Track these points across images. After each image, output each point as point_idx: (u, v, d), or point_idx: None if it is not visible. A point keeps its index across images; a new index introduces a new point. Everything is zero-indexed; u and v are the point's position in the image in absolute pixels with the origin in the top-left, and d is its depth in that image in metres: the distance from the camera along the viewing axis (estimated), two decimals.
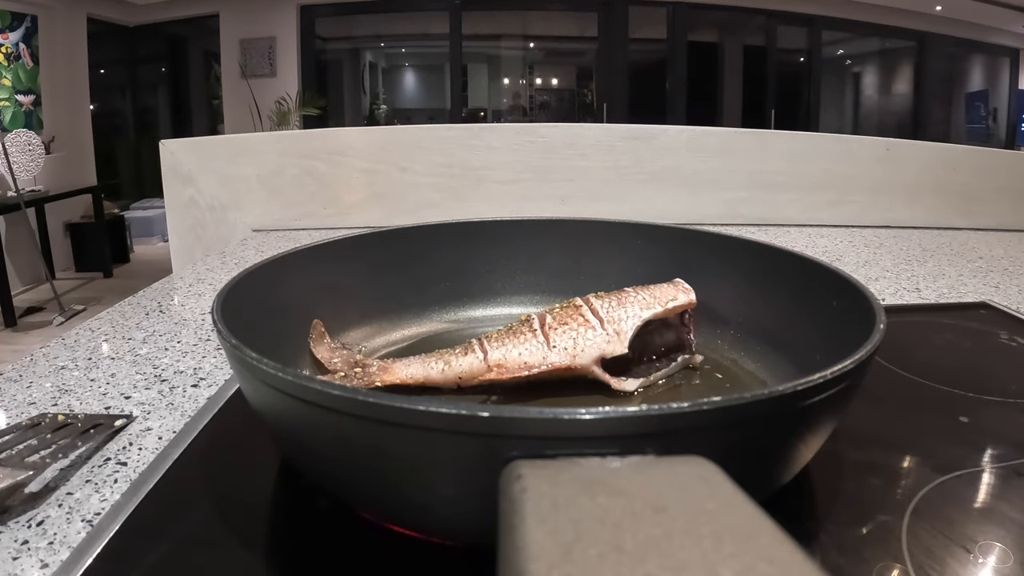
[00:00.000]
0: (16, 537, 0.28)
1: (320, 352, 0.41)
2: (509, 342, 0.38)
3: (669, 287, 0.42)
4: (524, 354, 0.37)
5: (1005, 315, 0.58)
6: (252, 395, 0.30)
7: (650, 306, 0.40)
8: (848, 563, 0.26)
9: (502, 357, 0.37)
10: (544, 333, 0.38)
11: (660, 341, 0.42)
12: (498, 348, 0.38)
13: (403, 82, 6.56)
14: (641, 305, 0.40)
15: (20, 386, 0.45)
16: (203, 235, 1.03)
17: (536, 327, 0.39)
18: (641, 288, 0.42)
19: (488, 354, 0.38)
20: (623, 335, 0.38)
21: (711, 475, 0.18)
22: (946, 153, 1.05)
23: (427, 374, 0.38)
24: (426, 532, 0.27)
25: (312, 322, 0.43)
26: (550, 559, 0.14)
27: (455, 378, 0.38)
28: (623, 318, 0.39)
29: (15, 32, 3.76)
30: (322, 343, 0.42)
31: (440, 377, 0.38)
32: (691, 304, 0.41)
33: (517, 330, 0.39)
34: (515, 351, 0.37)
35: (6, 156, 3.11)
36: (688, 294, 0.41)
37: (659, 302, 0.40)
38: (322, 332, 0.43)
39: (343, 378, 0.38)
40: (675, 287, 0.42)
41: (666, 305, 0.40)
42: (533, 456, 0.20)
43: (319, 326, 0.43)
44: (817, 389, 0.24)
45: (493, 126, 1.06)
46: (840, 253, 0.85)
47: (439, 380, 0.38)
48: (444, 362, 0.38)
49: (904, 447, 0.35)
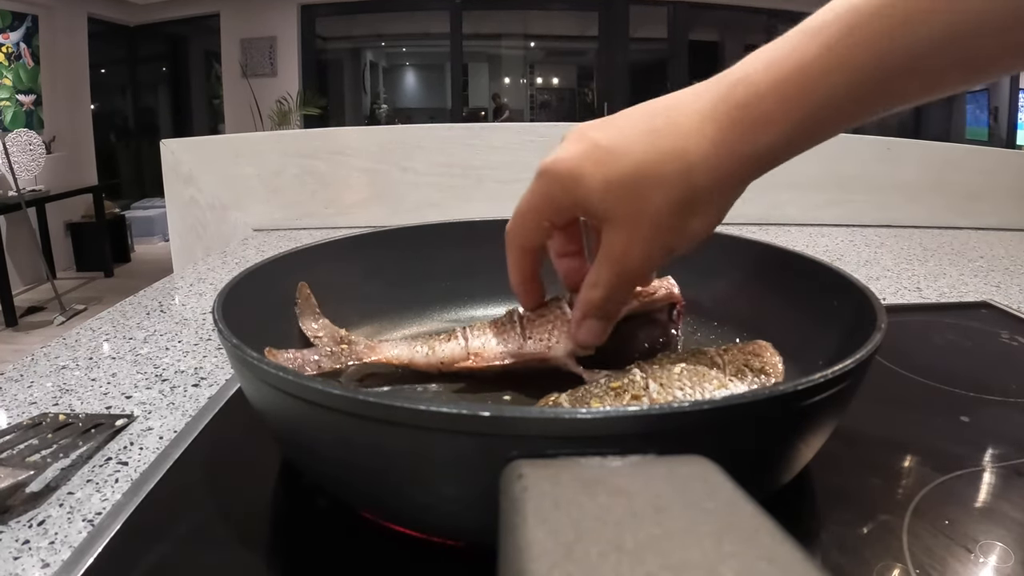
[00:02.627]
0: (17, 537, 0.29)
1: (305, 324, 0.41)
2: (490, 332, 0.40)
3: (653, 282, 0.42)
4: (502, 344, 0.39)
5: (1006, 314, 0.58)
6: (253, 395, 0.30)
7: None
8: (848, 563, 0.26)
9: (481, 346, 0.39)
10: (522, 325, 0.39)
11: (645, 337, 0.42)
12: (479, 337, 0.40)
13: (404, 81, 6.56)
14: None
15: (21, 386, 0.45)
16: (204, 235, 1.03)
17: (516, 319, 0.40)
18: None
19: (469, 342, 0.39)
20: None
21: (711, 475, 0.18)
22: (947, 152, 1.05)
23: (412, 356, 0.39)
24: (426, 532, 0.27)
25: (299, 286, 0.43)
26: (551, 558, 0.14)
27: (437, 363, 0.39)
28: None
29: (16, 32, 3.76)
30: (307, 313, 0.42)
31: (423, 361, 0.39)
32: (672, 298, 0.41)
33: (499, 321, 0.40)
34: (493, 340, 0.39)
35: (7, 156, 3.11)
36: (670, 288, 0.41)
37: (637, 296, 0.41)
38: (308, 295, 0.43)
39: (329, 354, 0.39)
40: (658, 281, 0.42)
41: (644, 299, 0.41)
42: (534, 456, 0.20)
43: (304, 288, 0.43)
44: (817, 389, 0.24)
45: (494, 126, 1.06)
46: (841, 252, 0.85)
47: (422, 363, 0.39)
48: (428, 347, 0.40)
49: (905, 446, 0.35)
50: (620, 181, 0.28)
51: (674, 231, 0.29)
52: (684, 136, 0.28)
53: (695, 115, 0.28)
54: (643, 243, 0.29)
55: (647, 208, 0.28)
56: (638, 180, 0.28)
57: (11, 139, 3.21)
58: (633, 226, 0.29)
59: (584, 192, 0.29)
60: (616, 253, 0.30)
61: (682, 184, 0.28)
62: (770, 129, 0.27)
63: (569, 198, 0.30)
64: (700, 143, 0.27)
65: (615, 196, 0.28)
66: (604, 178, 0.28)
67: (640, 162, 0.28)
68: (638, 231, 0.29)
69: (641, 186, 0.28)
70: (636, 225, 0.29)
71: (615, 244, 0.30)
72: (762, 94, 0.27)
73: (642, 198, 0.28)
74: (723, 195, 0.29)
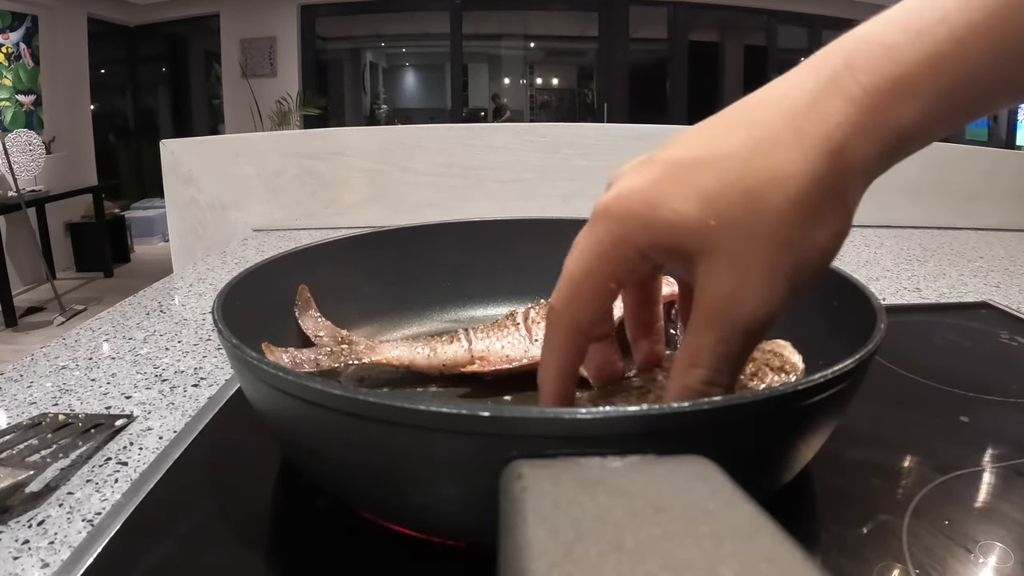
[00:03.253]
0: (17, 537, 0.28)
1: (306, 324, 0.41)
2: (493, 335, 0.39)
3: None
4: (507, 347, 0.38)
5: (1006, 315, 0.58)
6: (253, 395, 0.30)
7: None
8: (848, 563, 0.26)
9: (485, 349, 0.38)
10: (527, 327, 0.39)
11: None
12: (483, 340, 0.39)
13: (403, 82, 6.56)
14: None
15: (21, 386, 0.45)
16: (203, 235, 1.03)
17: (519, 321, 0.39)
18: None
19: (472, 344, 0.38)
20: None
21: (711, 475, 0.18)
22: (946, 153, 1.05)
23: (413, 358, 0.38)
24: (426, 532, 0.27)
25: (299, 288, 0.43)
26: (551, 558, 0.14)
27: (439, 365, 0.38)
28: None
29: (16, 32, 3.76)
30: (307, 313, 0.42)
31: (425, 363, 0.38)
32: (672, 297, 0.41)
33: (502, 323, 0.40)
34: (498, 344, 0.38)
35: (7, 156, 3.11)
36: (671, 286, 0.41)
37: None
38: (308, 298, 0.42)
39: (330, 354, 0.38)
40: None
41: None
42: (534, 455, 0.20)
43: (305, 291, 0.43)
44: (817, 389, 0.24)
45: (493, 126, 1.06)
46: (840, 252, 0.85)
47: (423, 365, 0.38)
48: (430, 348, 0.39)
49: (905, 447, 0.35)
50: (721, 195, 0.21)
51: (799, 250, 0.22)
52: (797, 120, 0.22)
53: (805, 95, 0.22)
54: (758, 273, 0.21)
55: (759, 220, 0.21)
56: (745, 185, 0.21)
57: (11, 139, 3.21)
58: (743, 249, 0.21)
59: (670, 219, 0.22)
60: (721, 300, 0.22)
61: (801, 177, 0.21)
62: (917, 96, 0.21)
63: (647, 236, 0.22)
64: (821, 123, 0.21)
65: (715, 215, 0.21)
66: (698, 193, 0.21)
67: (738, 161, 0.21)
68: (751, 256, 0.21)
69: (751, 192, 0.21)
70: (747, 246, 0.21)
71: (718, 287, 0.22)
72: (899, 51, 0.21)
73: (753, 207, 0.21)
74: (857, 191, 0.23)
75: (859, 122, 0.21)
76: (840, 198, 0.22)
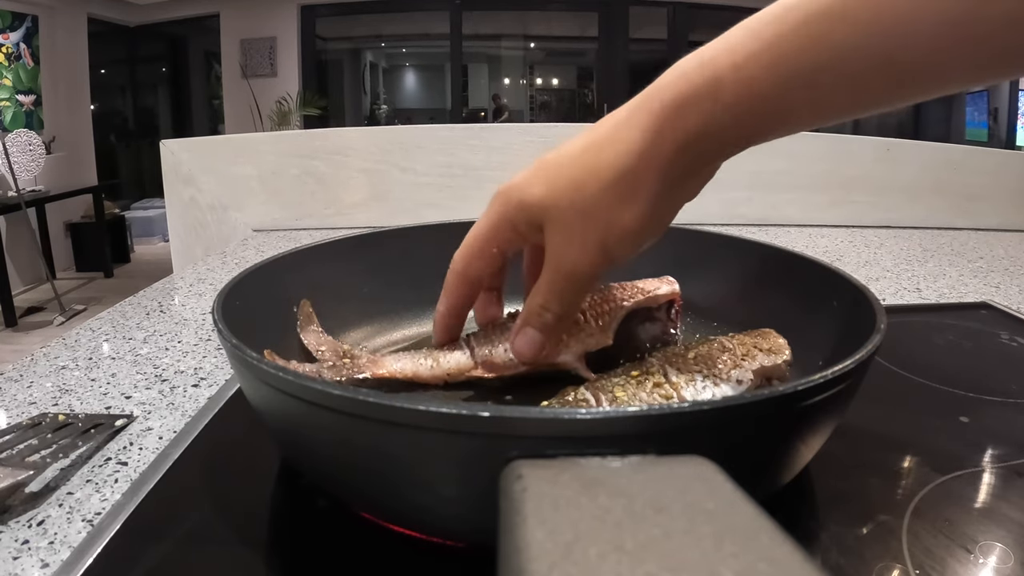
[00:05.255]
0: (16, 537, 0.28)
1: (308, 338, 0.41)
2: (496, 339, 0.38)
3: (652, 279, 0.42)
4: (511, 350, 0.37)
5: (1006, 315, 0.58)
6: (252, 395, 0.30)
7: (632, 296, 0.40)
8: (848, 563, 0.26)
9: (488, 354, 0.37)
10: None
11: (645, 336, 0.42)
12: (485, 345, 0.38)
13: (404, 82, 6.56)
14: (623, 296, 0.40)
15: (21, 386, 0.45)
16: (203, 235, 1.03)
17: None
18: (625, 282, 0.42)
19: (475, 350, 0.38)
20: (607, 327, 0.39)
21: (711, 475, 0.18)
22: (947, 153, 1.05)
23: (416, 370, 0.38)
24: (426, 532, 0.27)
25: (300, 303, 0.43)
26: (550, 559, 0.14)
27: (443, 374, 0.38)
28: (606, 310, 0.39)
29: (16, 32, 3.76)
30: (309, 328, 0.42)
31: (428, 374, 0.38)
32: (674, 295, 0.41)
33: (504, 326, 0.39)
34: (501, 348, 0.37)
35: (7, 156, 3.11)
36: (672, 285, 0.41)
37: (641, 292, 0.41)
38: (310, 313, 0.42)
39: (331, 368, 0.38)
40: (659, 279, 0.42)
41: (648, 295, 0.41)
42: (533, 456, 0.20)
43: (306, 306, 0.42)
44: (817, 389, 0.24)
45: (493, 126, 1.06)
46: (840, 253, 0.85)
47: (427, 376, 0.38)
48: (433, 359, 0.38)
49: (904, 447, 0.35)
50: (560, 182, 0.30)
51: (607, 225, 0.29)
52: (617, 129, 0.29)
53: (627, 109, 0.29)
54: (578, 239, 0.29)
55: (580, 200, 0.29)
56: (575, 175, 0.29)
57: (11, 139, 3.22)
58: (568, 221, 0.29)
59: (528, 200, 0.30)
60: (554, 256, 0.30)
61: (613, 169, 0.28)
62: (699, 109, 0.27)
63: (518, 214, 0.31)
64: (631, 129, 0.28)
65: (554, 197, 0.30)
66: (547, 183, 0.30)
67: (577, 158, 0.29)
68: (573, 226, 0.29)
69: (578, 180, 0.29)
70: (571, 219, 0.29)
71: (553, 246, 0.30)
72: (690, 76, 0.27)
73: (578, 190, 0.29)
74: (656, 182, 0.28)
75: (655, 128, 0.28)
76: (642, 188, 0.28)
